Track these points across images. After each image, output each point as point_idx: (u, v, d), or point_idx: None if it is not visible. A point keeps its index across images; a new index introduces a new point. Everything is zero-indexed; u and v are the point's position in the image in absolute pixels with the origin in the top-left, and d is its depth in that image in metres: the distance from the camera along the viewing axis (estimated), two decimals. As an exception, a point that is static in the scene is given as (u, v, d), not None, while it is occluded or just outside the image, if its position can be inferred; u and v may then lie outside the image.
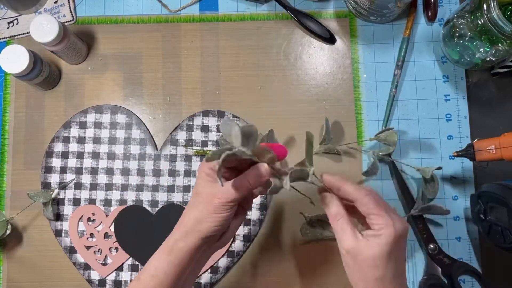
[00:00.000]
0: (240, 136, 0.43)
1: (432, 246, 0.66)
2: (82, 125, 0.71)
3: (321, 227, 0.67)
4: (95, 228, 0.68)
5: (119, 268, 0.68)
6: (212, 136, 0.70)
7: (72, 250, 0.68)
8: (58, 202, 0.69)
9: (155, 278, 0.49)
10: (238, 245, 0.68)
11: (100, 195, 0.69)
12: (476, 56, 0.64)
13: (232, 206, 0.48)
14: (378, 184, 0.69)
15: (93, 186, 0.69)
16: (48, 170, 0.70)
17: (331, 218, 0.49)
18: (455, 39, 0.65)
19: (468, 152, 0.61)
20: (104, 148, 0.70)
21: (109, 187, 0.69)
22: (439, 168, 0.64)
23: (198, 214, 0.49)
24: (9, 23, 0.74)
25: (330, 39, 0.72)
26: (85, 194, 0.69)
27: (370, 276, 0.46)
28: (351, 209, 0.49)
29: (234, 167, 0.50)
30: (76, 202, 0.69)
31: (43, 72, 0.67)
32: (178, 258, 0.49)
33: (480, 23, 0.60)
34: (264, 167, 0.48)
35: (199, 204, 0.49)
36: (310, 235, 0.67)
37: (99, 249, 0.68)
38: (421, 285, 0.66)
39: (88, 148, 0.70)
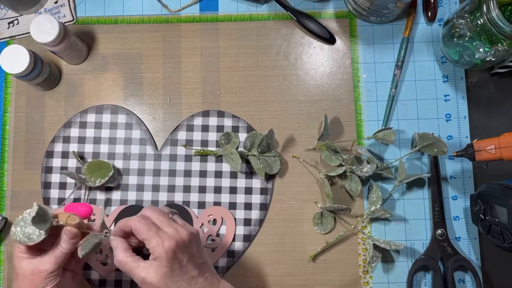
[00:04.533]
0: (29, 221, 0.50)
1: (440, 231, 0.67)
2: (82, 125, 0.71)
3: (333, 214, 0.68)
4: (95, 228, 0.68)
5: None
6: (212, 136, 0.70)
7: (72, 250, 0.68)
8: (58, 202, 0.69)
9: None
10: (238, 245, 0.68)
11: (101, 195, 0.69)
12: (476, 56, 0.64)
13: (57, 275, 0.52)
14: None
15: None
16: (48, 170, 0.70)
17: (116, 255, 0.53)
18: (455, 39, 0.65)
19: (467, 152, 0.61)
20: (104, 148, 0.70)
21: (109, 187, 0.69)
22: None
23: None
24: (9, 23, 0.74)
25: (330, 39, 0.72)
26: (85, 194, 0.69)
27: None
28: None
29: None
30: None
31: (43, 72, 0.67)
32: None
33: (479, 23, 0.60)
34: (68, 230, 0.52)
35: (24, 286, 0.52)
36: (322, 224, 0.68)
37: (99, 249, 0.68)
38: (416, 262, 0.66)
39: (88, 148, 0.70)
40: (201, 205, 0.69)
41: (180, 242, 0.52)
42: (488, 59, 0.63)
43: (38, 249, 0.53)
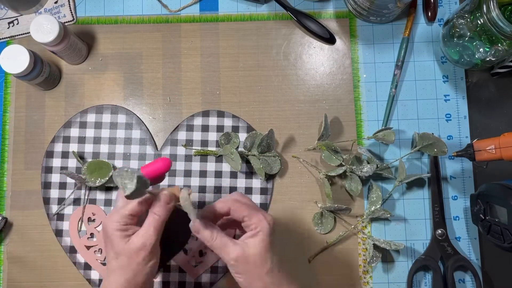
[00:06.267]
0: (146, 179, 0.48)
1: (440, 231, 0.67)
2: (82, 125, 0.71)
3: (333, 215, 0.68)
4: (95, 228, 0.68)
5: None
6: (212, 136, 0.70)
7: (72, 250, 0.68)
8: (58, 202, 0.69)
9: None
10: (238, 245, 0.68)
11: (101, 195, 0.69)
12: (476, 56, 0.64)
13: (156, 251, 0.51)
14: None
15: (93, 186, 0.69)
16: (48, 170, 0.70)
17: (208, 242, 0.51)
18: (455, 39, 0.65)
19: (467, 152, 0.61)
20: (104, 148, 0.70)
21: (109, 187, 0.69)
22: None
23: (129, 277, 0.50)
24: (9, 23, 0.74)
25: (330, 39, 0.72)
26: (85, 194, 0.69)
27: (262, 273, 0.50)
28: (224, 226, 0.55)
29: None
30: (77, 202, 0.69)
31: (43, 72, 0.67)
32: None
33: (479, 23, 0.60)
34: (164, 193, 0.51)
35: (126, 267, 0.50)
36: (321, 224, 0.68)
37: (99, 249, 0.68)
38: (416, 262, 0.66)
39: (89, 148, 0.70)
40: (201, 205, 0.69)
41: (274, 219, 0.53)
42: (488, 59, 0.63)
43: (133, 228, 0.51)
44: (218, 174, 0.69)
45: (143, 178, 0.48)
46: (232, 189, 0.69)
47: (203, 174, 0.69)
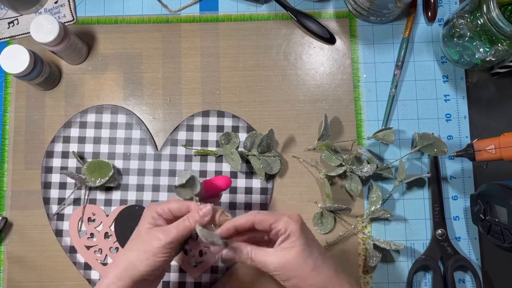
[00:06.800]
0: (199, 184, 0.51)
1: (440, 231, 0.67)
2: (83, 125, 0.71)
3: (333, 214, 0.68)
4: (95, 228, 0.68)
5: (119, 268, 0.68)
6: (212, 136, 0.70)
7: (72, 250, 0.68)
8: (58, 202, 0.69)
9: None
10: (238, 245, 0.68)
11: (101, 195, 0.69)
12: (476, 56, 0.64)
13: (171, 249, 0.50)
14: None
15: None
16: (48, 170, 0.70)
17: (245, 258, 0.51)
18: (455, 39, 0.65)
19: (467, 152, 0.61)
20: (104, 148, 0.70)
21: (109, 187, 0.69)
22: None
23: (133, 257, 0.50)
24: (9, 23, 0.74)
25: (330, 39, 0.72)
26: (85, 194, 0.69)
27: (308, 273, 0.49)
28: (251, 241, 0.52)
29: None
30: (77, 202, 0.69)
31: (43, 72, 0.67)
32: None
33: (479, 23, 0.60)
34: (205, 206, 0.51)
35: (137, 245, 0.50)
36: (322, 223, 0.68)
37: (99, 249, 0.68)
38: (416, 262, 0.66)
39: (89, 148, 0.70)
40: (201, 205, 0.69)
41: (301, 217, 0.51)
42: (488, 59, 0.63)
43: (163, 222, 0.52)
44: (218, 174, 0.69)
45: (196, 180, 0.50)
46: (232, 189, 0.69)
47: (203, 174, 0.69)
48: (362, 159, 0.68)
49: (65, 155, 0.70)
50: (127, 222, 0.68)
